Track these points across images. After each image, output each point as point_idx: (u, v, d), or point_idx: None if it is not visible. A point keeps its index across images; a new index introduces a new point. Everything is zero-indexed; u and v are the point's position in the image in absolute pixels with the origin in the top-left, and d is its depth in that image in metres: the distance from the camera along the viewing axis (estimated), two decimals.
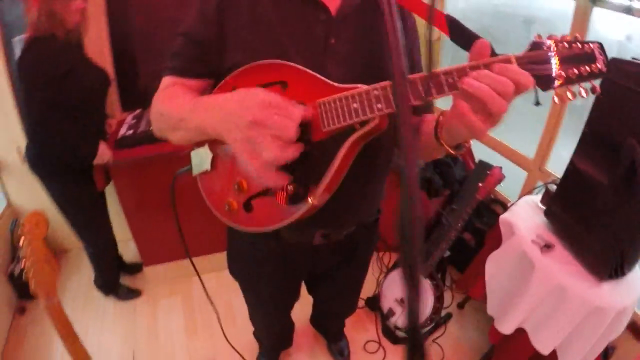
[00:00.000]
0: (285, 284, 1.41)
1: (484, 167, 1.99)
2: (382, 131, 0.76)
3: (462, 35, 0.84)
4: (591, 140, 1.41)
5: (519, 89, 0.62)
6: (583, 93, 0.65)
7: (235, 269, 1.39)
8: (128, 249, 2.75)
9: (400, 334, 2.22)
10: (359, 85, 0.72)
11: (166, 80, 0.95)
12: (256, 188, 0.85)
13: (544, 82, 0.65)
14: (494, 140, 2.40)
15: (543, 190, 1.75)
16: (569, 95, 0.66)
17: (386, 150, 1.04)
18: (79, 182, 2.07)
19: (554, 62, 0.65)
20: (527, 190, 2.07)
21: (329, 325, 2.13)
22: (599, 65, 0.64)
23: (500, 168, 1.92)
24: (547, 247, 1.50)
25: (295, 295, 1.56)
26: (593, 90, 0.66)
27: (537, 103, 0.69)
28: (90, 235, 2.28)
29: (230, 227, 0.93)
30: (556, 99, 0.67)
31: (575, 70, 0.64)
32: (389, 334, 2.26)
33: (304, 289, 1.61)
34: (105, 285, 2.52)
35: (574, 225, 1.47)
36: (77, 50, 1.95)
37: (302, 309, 1.93)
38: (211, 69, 0.93)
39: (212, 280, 2.38)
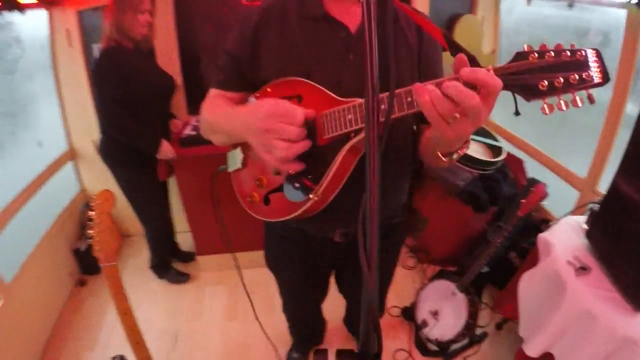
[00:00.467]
0: (312, 276, 1.50)
1: (531, 184, 1.94)
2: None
3: (458, 50, 0.89)
4: (636, 160, 1.35)
5: (465, 102, 0.61)
6: (578, 102, 0.63)
7: (269, 260, 1.50)
8: (185, 239, 2.97)
9: (432, 346, 2.20)
10: (357, 99, 0.83)
11: (212, 92, 1.13)
12: (273, 184, 1.01)
13: (528, 91, 0.65)
14: (546, 157, 2.31)
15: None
16: (563, 105, 0.64)
17: (399, 153, 1.09)
18: (142, 171, 2.32)
19: (537, 71, 0.64)
20: (578, 211, 1.97)
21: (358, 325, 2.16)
22: (590, 73, 0.61)
23: (545, 185, 1.85)
24: (582, 269, 1.44)
25: (323, 290, 1.65)
26: (589, 99, 0.64)
27: (517, 113, 0.71)
28: (149, 220, 2.54)
29: (265, 221, 1.10)
30: (546, 109, 0.65)
31: (561, 79, 0.62)
32: (420, 345, 2.25)
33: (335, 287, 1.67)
34: (158, 267, 2.76)
35: (614, 250, 1.40)
36: (147, 58, 2.22)
37: (336, 309, 2.00)
38: (247, 83, 1.07)
39: (257, 274, 2.50)
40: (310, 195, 0.93)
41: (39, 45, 2.43)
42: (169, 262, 2.80)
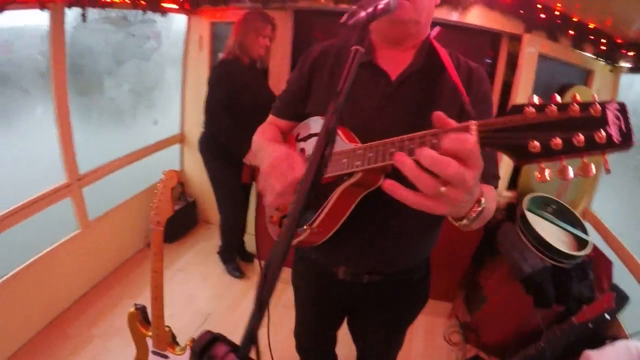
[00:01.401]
0: (321, 311, 1.47)
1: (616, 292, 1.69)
2: (374, 186, 0.89)
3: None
4: None
5: (443, 173, 0.55)
6: (590, 170, 0.50)
7: (292, 277, 1.53)
8: (251, 241, 3.19)
9: None
10: (359, 145, 0.85)
11: (269, 117, 1.25)
12: (286, 210, 1.09)
13: (518, 153, 0.54)
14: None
15: None
16: (567, 172, 0.52)
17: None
18: (229, 170, 2.59)
19: (531, 128, 0.53)
20: None
21: None
22: (604, 133, 0.48)
23: (612, 296, 1.59)
24: None
25: (330, 324, 1.58)
26: (605, 167, 0.51)
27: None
28: (226, 213, 2.80)
29: None
30: (538, 174, 0.54)
31: (559, 140, 0.50)
32: None
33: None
34: (223, 254, 3.00)
35: None
36: (259, 75, 2.52)
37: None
38: (296, 114, 1.16)
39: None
40: (305, 227, 0.98)
41: (174, 43, 2.90)
42: (233, 255, 3.03)
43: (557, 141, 0.50)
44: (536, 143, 0.51)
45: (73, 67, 2.22)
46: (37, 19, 1.90)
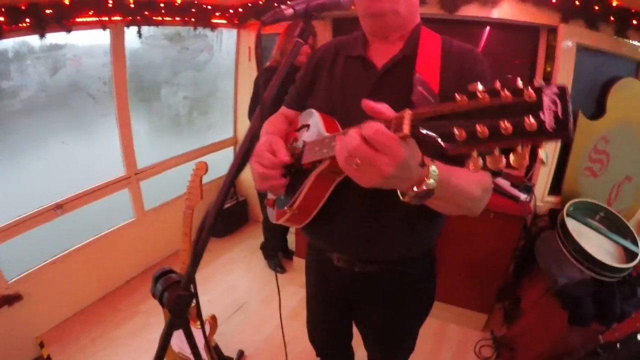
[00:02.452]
0: (322, 294, 1.45)
1: None
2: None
3: None
4: None
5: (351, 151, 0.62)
6: (512, 160, 0.47)
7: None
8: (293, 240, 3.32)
9: None
10: (329, 133, 0.94)
11: (281, 107, 1.34)
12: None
13: (446, 141, 0.52)
14: None
15: None
16: (490, 161, 0.49)
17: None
18: None
19: (460, 116, 0.50)
20: None
21: None
22: (533, 120, 0.44)
23: None
24: None
25: (335, 316, 1.52)
26: (534, 154, 0.47)
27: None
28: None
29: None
30: (470, 164, 0.51)
31: (485, 127, 0.47)
32: None
33: None
34: (266, 250, 3.19)
35: None
36: None
37: None
38: (302, 106, 1.23)
39: None
40: (286, 208, 1.06)
41: (226, 54, 3.21)
42: (275, 250, 3.18)
43: (483, 129, 0.47)
44: (461, 130, 0.49)
45: (134, 77, 2.62)
46: (101, 36, 2.29)
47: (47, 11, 1.93)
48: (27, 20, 1.89)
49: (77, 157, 2.49)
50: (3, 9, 1.80)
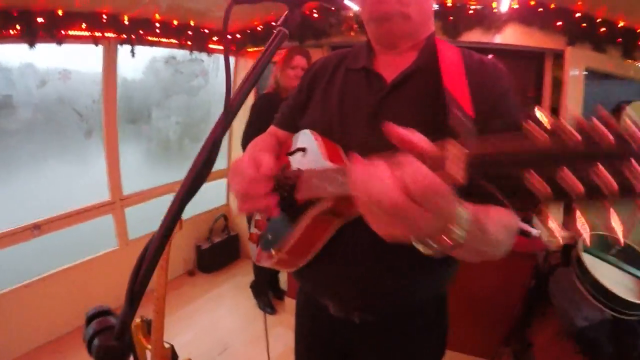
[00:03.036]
0: (314, 349, 1.23)
1: None
2: (352, 215, 0.76)
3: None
4: None
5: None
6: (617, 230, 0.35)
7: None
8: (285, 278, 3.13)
9: None
10: (334, 165, 0.76)
11: (271, 127, 1.18)
12: (263, 228, 1.00)
13: (513, 195, 0.39)
14: None
15: None
16: (580, 225, 0.37)
17: None
18: None
19: (536, 160, 0.37)
20: None
21: None
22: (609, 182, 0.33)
23: None
24: None
25: None
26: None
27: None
28: None
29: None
30: (534, 231, 0.38)
31: (581, 186, 0.34)
32: None
33: None
34: (255, 288, 2.98)
35: None
36: None
37: None
38: (295, 126, 1.06)
39: None
40: (272, 252, 0.88)
41: (221, 81, 3.11)
42: (265, 289, 2.98)
43: (575, 185, 0.34)
44: (544, 184, 0.35)
45: (123, 96, 2.53)
46: (94, 52, 2.22)
47: (39, 20, 1.86)
48: (18, 27, 1.82)
49: (60, 176, 2.36)
50: None
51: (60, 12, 1.94)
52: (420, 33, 0.90)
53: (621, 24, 1.81)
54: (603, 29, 1.84)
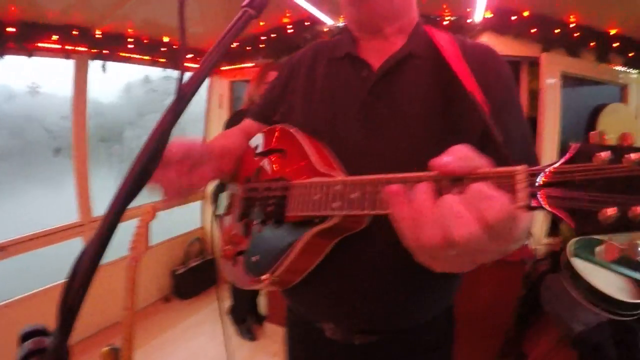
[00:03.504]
0: None
1: None
2: (356, 229, 0.69)
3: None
4: None
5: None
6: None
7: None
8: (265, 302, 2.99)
9: None
10: (336, 176, 0.67)
11: (243, 121, 1.07)
12: (242, 245, 0.85)
13: (581, 220, 0.38)
14: None
15: None
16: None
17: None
18: None
19: (602, 185, 0.37)
20: None
21: None
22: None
23: None
24: None
25: None
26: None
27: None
28: None
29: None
30: (603, 252, 0.41)
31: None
32: None
33: None
34: (234, 315, 2.81)
35: None
36: None
37: None
38: (269, 118, 0.98)
39: None
40: (262, 277, 0.75)
41: (196, 100, 3.07)
42: (244, 315, 2.83)
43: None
44: (614, 211, 0.35)
45: (95, 114, 2.42)
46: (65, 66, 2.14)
47: (9, 29, 1.77)
48: None
49: (27, 196, 2.22)
50: None
51: (31, 23, 1.85)
52: (405, 15, 0.83)
53: (594, 28, 1.86)
54: (577, 34, 1.89)
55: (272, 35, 2.68)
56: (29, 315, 2.15)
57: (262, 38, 2.70)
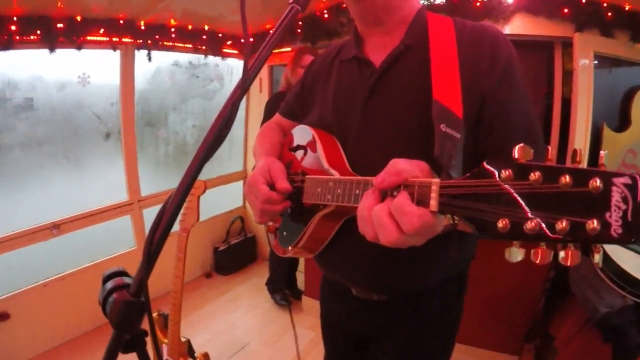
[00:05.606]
0: (336, 325, 1.25)
1: None
2: (351, 214, 0.80)
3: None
4: None
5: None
6: (568, 259, 0.41)
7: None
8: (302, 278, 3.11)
9: None
10: (334, 173, 0.82)
11: (276, 115, 1.22)
12: (278, 224, 1.05)
13: (481, 227, 0.45)
14: None
15: None
16: (540, 256, 0.42)
17: None
18: None
19: (502, 200, 0.43)
20: None
21: None
22: (597, 225, 0.37)
23: None
24: None
25: (347, 352, 1.26)
26: (592, 256, 0.41)
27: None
28: None
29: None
30: (508, 254, 0.45)
31: (534, 223, 0.40)
32: None
33: None
34: (271, 285, 3.00)
35: None
36: None
37: None
38: (297, 116, 1.11)
39: None
40: (289, 248, 0.96)
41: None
42: (279, 285, 3.00)
43: (532, 223, 0.40)
44: (505, 221, 0.42)
45: (140, 99, 2.62)
46: (112, 57, 2.32)
47: (59, 25, 1.95)
48: (38, 32, 1.90)
49: (79, 177, 2.43)
50: (15, 19, 1.82)
51: (78, 18, 2.02)
52: (405, 4, 0.86)
53: (627, 7, 1.81)
54: (610, 14, 1.84)
55: (309, 21, 2.75)
56: (81, 288, 2.37)
57: (299, 23, 2.78)
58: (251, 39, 2.90)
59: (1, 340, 2.04)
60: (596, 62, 2.05)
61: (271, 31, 0.63)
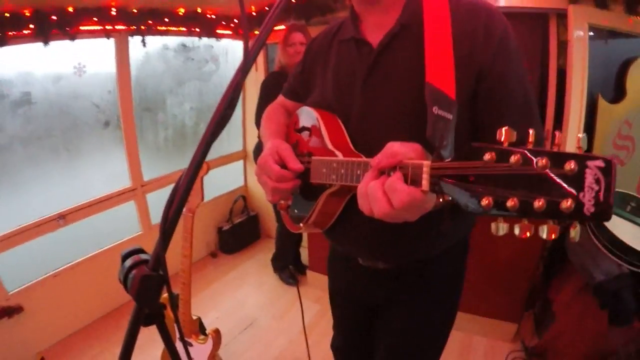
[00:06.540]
0: (345, 296, 1.31)
1: None
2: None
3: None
4: None
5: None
6: (544, 233, 0.46)
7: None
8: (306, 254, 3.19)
9: None
10: (338, 154, 0.86)
11: (279, 97, 1.26)
12: (289, 202, 1.09)
13: (468, 204, 0.51)
14: None
15: None
16: (518, 230, 0.47)
17: None
18: None
19: (487, 180, 0.49)
20: None
21: None
22: (571, 203, 0.41)
23: None
24: None
25: (357, 322, 1.34)
26: (567, 231, 0.45)
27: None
28: (282, 223, 2.90)
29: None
30: (493, 228, 0.49)
31: (516, 200, 0.45)
32: None
33: None
34: (276, 261, 3.07)
35: None
36: None
37: None
38: (300, 96, 1.14)
39: None
40: (300, 225, 1.02)
41: (232, 65, 3.22)
42: (285, 262, 3.07)
43: (513, 202, 0.45)
44: (489, 199, 0.48)
45: (136, 85, 2.61)
46: (107, 45, 2.30)
47: (52, 17, 1.93)
48: (31, 26, 1.89)
49: (80, 167, 2.45)
50: (7, 15, 1.80)
51: (70, 9, 2.00)
52: None
53: None
54: None
55: None
56: (90, 276, 2.44)
57: (293, 1, 2.74)
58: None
59: (17, 333, 2.10)
60: (592, 33, 2.03)
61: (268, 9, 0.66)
